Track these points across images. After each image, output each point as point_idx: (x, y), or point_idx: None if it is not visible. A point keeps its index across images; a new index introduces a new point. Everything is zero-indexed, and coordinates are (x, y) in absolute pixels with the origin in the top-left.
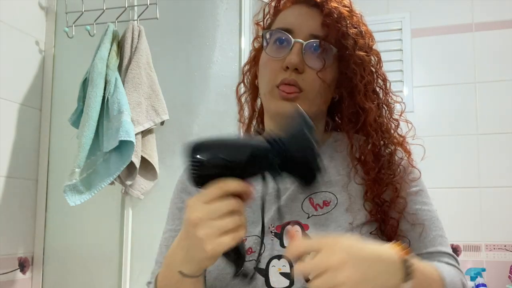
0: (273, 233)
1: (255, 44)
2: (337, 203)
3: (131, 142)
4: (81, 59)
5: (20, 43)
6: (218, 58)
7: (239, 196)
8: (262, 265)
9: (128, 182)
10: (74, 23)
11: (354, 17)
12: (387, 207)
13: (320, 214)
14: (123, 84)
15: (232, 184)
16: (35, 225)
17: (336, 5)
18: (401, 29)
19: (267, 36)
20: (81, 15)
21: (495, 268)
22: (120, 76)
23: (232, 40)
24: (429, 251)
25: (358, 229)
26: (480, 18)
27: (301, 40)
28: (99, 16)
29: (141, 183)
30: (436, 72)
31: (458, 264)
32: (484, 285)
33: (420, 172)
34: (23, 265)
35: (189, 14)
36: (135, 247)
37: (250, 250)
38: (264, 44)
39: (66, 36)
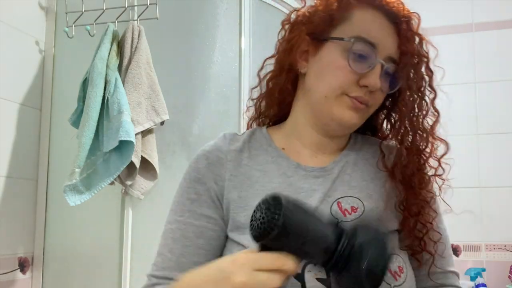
0: None
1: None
2: (364, 210)
3: (131, 142)
4: (81, 59)
5: (20, 43)
6: (218, 58)
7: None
8: (298, 270)
9: (128, 182)
10: (74, 23)
11: (424, 43)
12: (415, 219)
13: (349, 220)
14: (123, 84)
15: (289, 266)
16: (35, 225)
17: (412, 28)
18: None
19: (351, 42)
20: (81, 15)
21: (495, 268)
22: (120, 76)
23: (232, 40)
24: (447, 270)
25: (390, 238)
26: (480, 18)
27: (383, 62)
28: (99, 16)
29: (141, 183)
30: (436, 72)
31: (459, 278)
32: (484, 285)
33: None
34: (23, 265)
35: (189, 14)
36: (135, 247)
37: None
38: (343, 44)
39: (66, 36)
